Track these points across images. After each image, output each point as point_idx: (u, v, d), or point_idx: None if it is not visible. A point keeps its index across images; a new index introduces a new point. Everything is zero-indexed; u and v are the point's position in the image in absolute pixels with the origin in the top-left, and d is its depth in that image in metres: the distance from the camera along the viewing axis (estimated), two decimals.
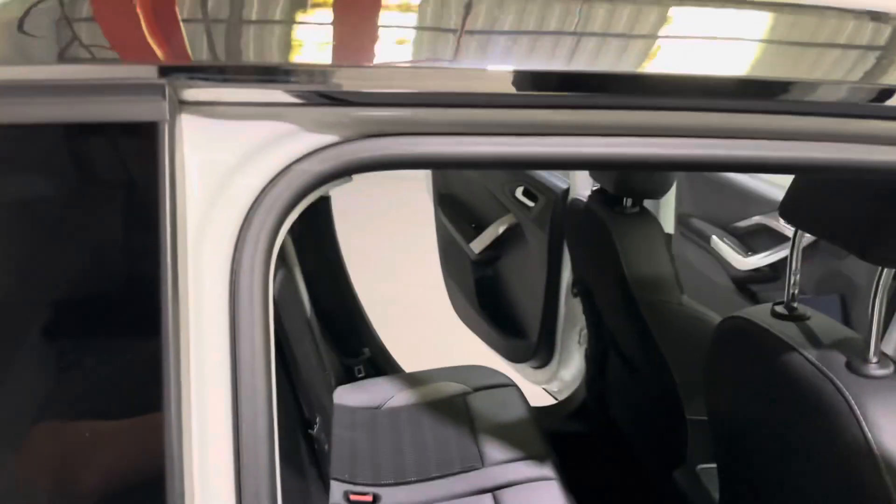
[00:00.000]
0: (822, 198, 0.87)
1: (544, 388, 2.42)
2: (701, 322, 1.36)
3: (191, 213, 0.60)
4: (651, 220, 1.48)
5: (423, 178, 2.70)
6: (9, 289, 0.60)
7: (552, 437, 1.77)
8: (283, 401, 1.36)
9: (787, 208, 0.93)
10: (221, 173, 0.61)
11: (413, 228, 3.42)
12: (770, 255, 2.31)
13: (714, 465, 1.24)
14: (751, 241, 2.49)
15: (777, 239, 2.36)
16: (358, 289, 2.16)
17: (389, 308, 3.54)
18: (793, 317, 0.93)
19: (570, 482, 1.54)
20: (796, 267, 0.97)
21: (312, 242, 1.84)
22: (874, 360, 0.80)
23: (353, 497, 1.46)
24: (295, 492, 1.24)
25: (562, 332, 2.16)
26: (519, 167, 1.37)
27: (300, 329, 1.61)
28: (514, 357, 2.31)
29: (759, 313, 0.97)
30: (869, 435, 0.75)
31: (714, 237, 2.58)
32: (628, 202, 1.49)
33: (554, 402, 2.27)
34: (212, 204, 0.61)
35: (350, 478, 1.52)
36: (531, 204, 2.09)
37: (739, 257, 2.36)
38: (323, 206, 1.83)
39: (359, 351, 1.96)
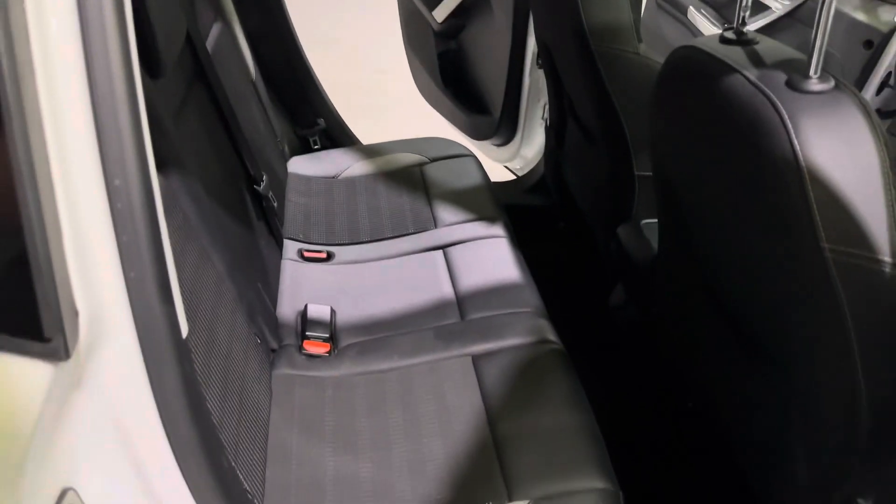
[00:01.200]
0: None
1: (506, 167, 2.41)
2: (656, 70, 1.31)
3: None
4: None
5: None
6: None
7: (508, 209, 1.79)
8: (223, 154, 1.34)
9: None
10: None
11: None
12: (752, 22, 2.20)
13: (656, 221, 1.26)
14: (729, 12, 2.37)
15: (757, 8, 2.24)
16: (318, 71, 2.06)
17: (351, 89, 3.44)
18: (741, 41, 0.88)
19: (524, 243, 1.57)
20: None
21: None
22: (814, 76, 0.76)
23: (306, 254, 1.50)
24: (242, 240, 1.26)
25: (526, 107, 2.11)
26: None
27: (242, 89, 1.54)
28: (476, 134, 2.28)
29: (709, 41, 0.92)
30: (798, 148, 0.73)
31: (691, 8, 2.44)
32: None
33: (514, 178, 2.28)
34: None
35: (304, 237, 1.55)
36: None
37: (717, 29, 2.26)
38: None
39: (313, 121, 1.91)
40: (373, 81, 3.61)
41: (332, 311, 1.33)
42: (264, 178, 1.42)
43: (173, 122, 1.09)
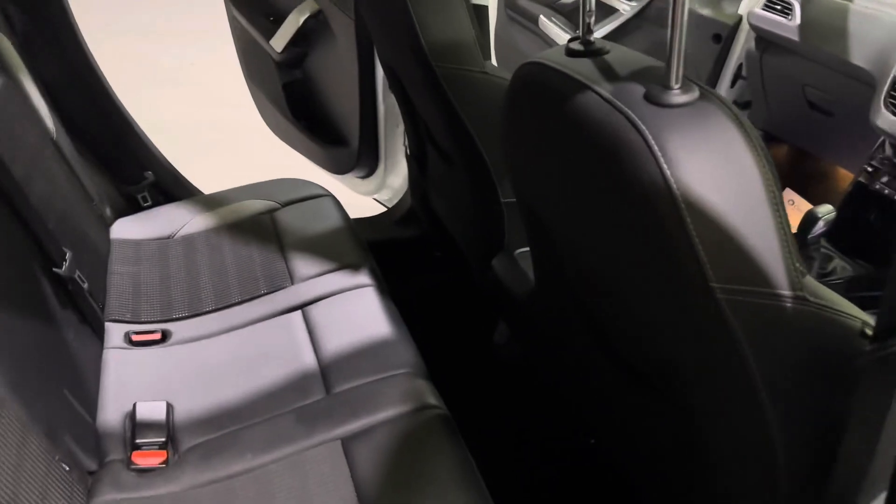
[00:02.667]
0: None
1: (375, 199, 2.25)
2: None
3: None
4: None
5: None
6: None
7: (378, 246, 1.63)
8: (5, 240, 1.09)
9: None
10: None
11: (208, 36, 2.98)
12: (600, 28, 2.16)
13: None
14: (579, 17, 2.33)
15: (606, 12, 2.21)
16: (145, 111, 1.81)
17: (185, 129, 3.17)
18: (589, 52, 0.76)
19: (393, 289, 1.41)
20: None
21: (46, 43, 1.45)
22: (675, 85, 0.65)
23: (135, 337, 1.26)
24: (34, 341, 1.01)
25: (384, 134, 1.96)
26: None
27: (37, 152, 1.28)
28: (336, 168, 2.10)
29: (555, 54, 0.79)
30: (667, 171, 0.61)
31: (542, 17, 2.39)
32: None
33: (384, 210, 2.12)
34: None
35: (133, 316, 1.31)
36: None
37: (568, 35, 2.21)
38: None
39: (139, 175, 1.66)
40: (225, 116, 3.36)
41: (169, 407, 1.10)
42: (67, 255, 1.17)
43: None
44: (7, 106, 1.26)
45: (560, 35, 2.32)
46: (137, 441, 1.04)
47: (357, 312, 1.29)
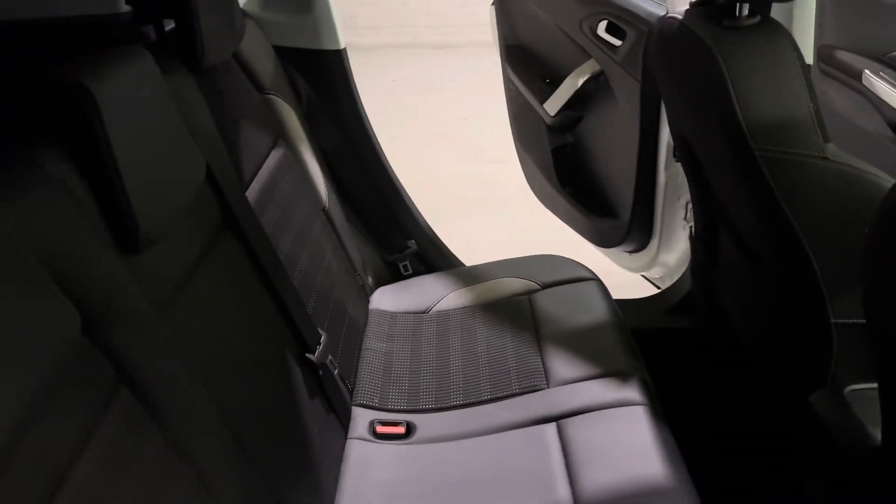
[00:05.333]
0: None
1: (644, 276, 2.00)
2: (858, 182, 0.90)
3: None
4: (778, 33, 0.97)
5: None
6: None
7: (645, 334, 1.39)
8: (257, 322, 1.06)
9: None
10: None
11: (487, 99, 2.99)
12: None
13: (873, 386, 0.83)
14: None
15: None
16: (416, 173, 1.80)
17: (451, 183, 3.19)
18: None
19: (667, 394, 1.16)
20: None
21: (328, 113, 1.47)
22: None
23: (379, 429, 1.17)
24: (276, 441, 0.95)
25: (662, 206, 1.71)
26: None
27: (308, 223, 1.28)
28: (602, 241, 1.90)
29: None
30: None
31: (867, 72, 1.95)
32: (744, 9, 0.98)
33: (656, 290, 1.86)
34: None
35: (380, 403, 1.23)
36: (617, 43, 1.59)
37: None
38: (335, 62, 1.43)
39: (402, 244, 1.62)
40: (488, 173, 3.36)
41: None
42: (322, 339, 1.12)
43: (170, 298, 0.82)
44: (285, 176, 1.28)
45: (890, 93, 1.88)
46: None
47: (624, 439, 1.06)
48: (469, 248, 1.92)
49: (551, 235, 1.86)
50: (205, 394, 0.78)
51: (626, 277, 1.99)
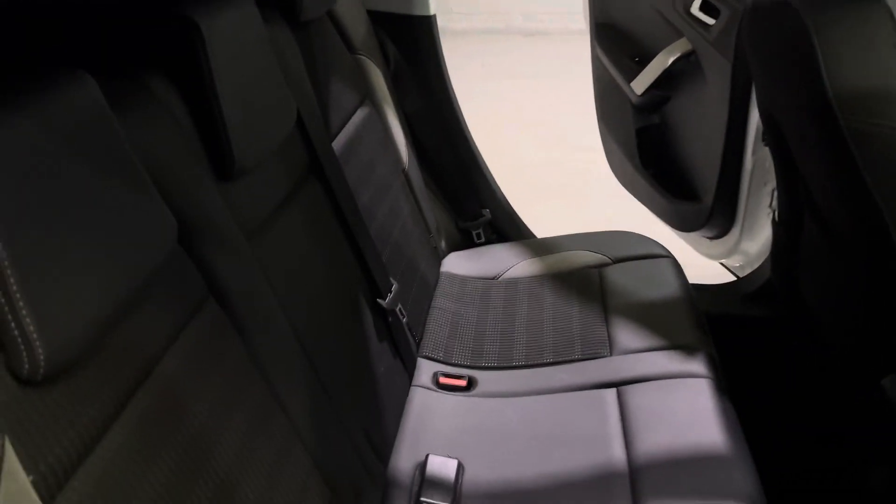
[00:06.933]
0: None
1: (723, 264, 1.95)
2: None
3: None
4: (875, 4, 0.94)
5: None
6: None
7: (719, 321, 1.37)
8: (335, 264, 1.12)
9: None
10: None
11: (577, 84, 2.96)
12: None
13: None
14: None
15: None
16: (499, 158, 1.82)
17: (534, 178, 3.18)
18: None
19: (734, 376, 1.15)
20: None
21: (413, 75, 1.51)
22: None
23: (442, 380, 1.21)
24: (344, 373, 1.00)
25: (747, 192, 1.67)
26: None
27: (388, 181, 1.33)
28: (682, 224, 1.86)
29: None
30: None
31: None
32: None
33: (733, 279, 1.81)
34: None
35: (444, 357, 1.27)
36: (711, 21, 1.56)
37: None
38: (424, 27, 1.47)
39: (477, 212, 1.65)
40: (571, 161, 3.34)
41: (460, 468, 1.02)
42: (393, 287, 1.17)
43: (258, 229, 0.88)
44: (369, 134, 1.33)
45: None
46: (422, 499, 0.97)
47: (684, 408, 1.05)
48: (541, 233, 1.93)
49: (629, 225, 1.84)
50: (284, 319, 0.84)
51: (704, 270, 1.95)
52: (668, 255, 1.47)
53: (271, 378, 0.79)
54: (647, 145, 1.93)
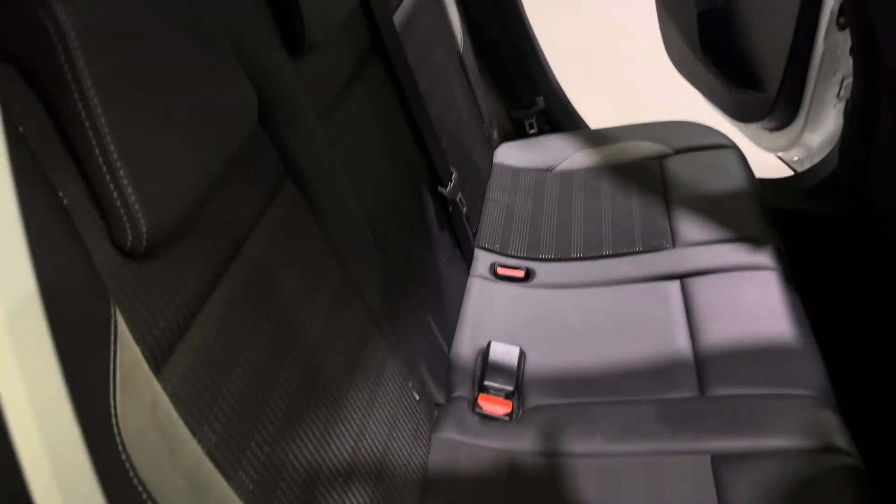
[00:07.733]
0: None
1: (780, 157, 1.88)
2: None
3: None
4: None
5: None
6: None
7: (783, 215, 1.33)
8: (398, 149, 1.09)
9: None
10: None
11: None
12: None
13: None
14: None
15: None
16: (552, 36, 1.72)
17: (586, 60, 3.05)
18: None
19: (800, 270, 1.13)
20: None
21: None
22: None
23: (500, 270, 1.20)
24: (411, 260, 1.00)
25: (815, 80, 1.58)
26: None
27: (443, 65, 1.27)
28: (742, 115, 1.78)
29: None
30: None
31: None
32: None
33: (791, 174, 1.75)
34: None
35: (501, 248, 1.26)
36: None
37: None
38: None
39: (531, 101, 1.58)
40: (628, 49, 3.18)
41: (522, 355, 1.03)
42: (453, 176, 1.14)
43: (326, 109, 0.85)
44: (426, 16, 1.26)
45: None
46: (486, 383, 0.98)
47: (751, 299, 1.04)
48: (595, 125, 1.86)
49: (686, 117, 1.76)
50: (356, 201, 0.83)
51: (757, 165, 1.88)
52: (733, 146, 1.41)
53: (347, 261, 0.79)
54: (708, 29, 1.82)
